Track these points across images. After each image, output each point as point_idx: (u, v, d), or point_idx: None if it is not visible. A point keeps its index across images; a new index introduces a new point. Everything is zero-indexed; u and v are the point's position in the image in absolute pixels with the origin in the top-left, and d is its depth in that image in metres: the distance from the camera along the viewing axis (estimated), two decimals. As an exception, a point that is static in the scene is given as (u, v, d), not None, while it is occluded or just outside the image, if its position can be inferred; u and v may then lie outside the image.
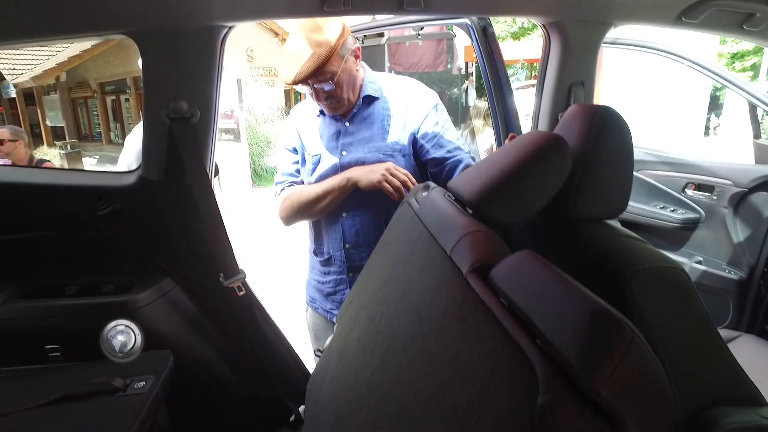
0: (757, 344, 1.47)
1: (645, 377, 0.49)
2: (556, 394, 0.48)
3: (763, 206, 1.82)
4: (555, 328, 0.53)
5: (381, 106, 1.34)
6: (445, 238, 0.82)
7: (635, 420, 0.48)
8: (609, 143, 0.90)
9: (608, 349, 0.48)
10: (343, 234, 1.35)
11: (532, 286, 0.61)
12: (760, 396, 0.91)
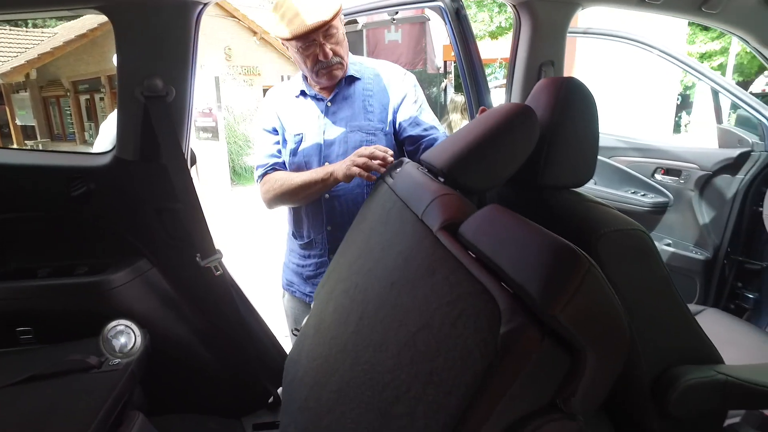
0: (721, 317, 1.53)
1: (601, 307, 0.51)
2: (518, 323, 0.50)
3: (726, 188, 1.89)
4: (517, 266, 0.55)
5: (362, 87, 1.34)
6: (416, 203, 0.84)
7: (592, 347, 0.50)
8: (575, 114, 0.94)
9: (566, 279, 0.50)
10: (324, 216, 1.35)
11: (497, 234, 0.63)
12: (717, 354, 0.96)
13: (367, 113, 1.32)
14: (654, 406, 0.95)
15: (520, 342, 0.49)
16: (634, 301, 0.89)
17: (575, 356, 0.50)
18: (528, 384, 0.49)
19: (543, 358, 0.49)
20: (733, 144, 1.89)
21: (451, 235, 0.70)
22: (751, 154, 1.82)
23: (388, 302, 0.76)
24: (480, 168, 0.89)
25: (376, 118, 1.32)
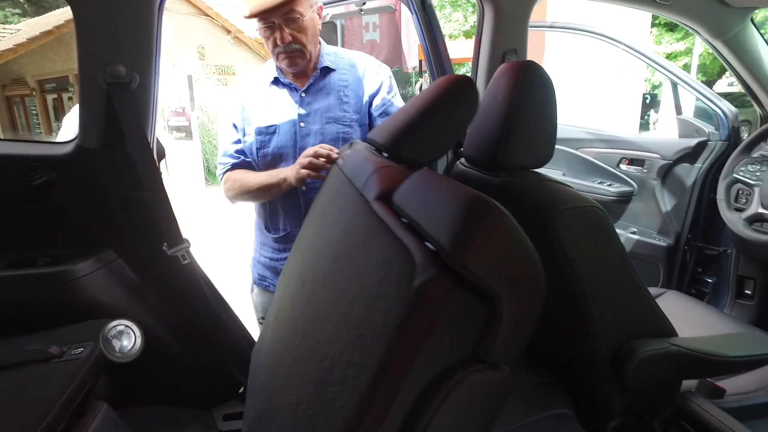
0: (681, 298, 1.59)
1: (513, 255, 0.52)
2: (429, 275, 0.50)
3: (686, 176, 1.96)
4: (434, 221, 0.56)
5: (337, 78, 1.34)
6: (359, 179, 0.85)
7: (507, 295, 0.50)
8: (534, 96, 0.97)
9: (475, 228, 0.50)
10: (303, 209, 1.34)
11: (422, 196, 0.64)
12: (672, 328, 1.00)
13: (343, 104, 1.32)
14: (613, 379, 0.98)
15: (431, 293, 0.49)
16: (591, 276, 0.92)
17: (491, 305, 0.50)
18: (446, 336, 0.49)
19: (458, 309, 0.50)
20: (692, 134, 1.97)
21: (384, 203, 0.71)
22: (708, 144, 1.90)
23: (332, 276, 0.77)
24: (420, 139, 0.89)
25: (351, 108, 1.33)
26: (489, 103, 1.03)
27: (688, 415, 0.92)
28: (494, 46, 1.33)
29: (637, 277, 0.96)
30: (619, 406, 1.02)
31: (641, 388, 0.98)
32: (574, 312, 0.95)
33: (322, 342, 0.68)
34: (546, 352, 1.15)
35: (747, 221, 1.52)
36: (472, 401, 0.52)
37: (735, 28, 1.58)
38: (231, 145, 1.40)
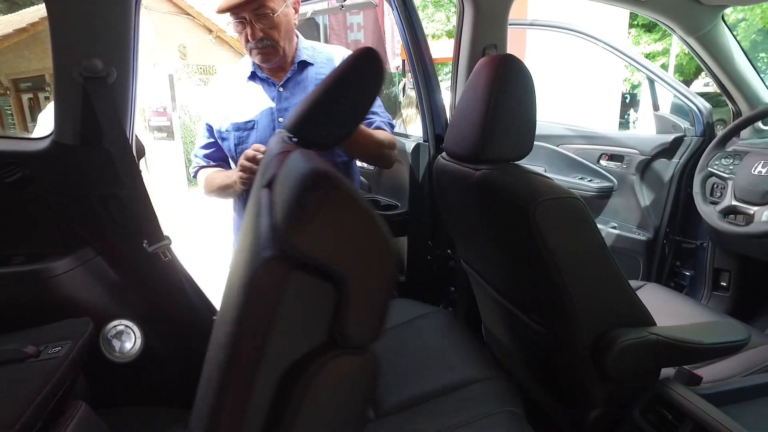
0: (660, 290, 1.62)
1: (354, 230, 0.49)
2: (264, 259, 0.48)
3: (663, 171, 2.00)
4: (279, 201, 0.54)
5: (314, 72, 1.34)
6: (264, 170, 0.85)
7: (350, 274, 0.48)
8: (513, 89, 0.98)
9: (304, 203, 0.47)
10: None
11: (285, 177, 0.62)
12: (650, 318, 1.02)
13: None
14: (594, 368, 1.00)
15: (263, 279, 0.47)
16: (571, 266, 0.93)
17: (338, 286, 0.48)
18: (295, 322, 0.48)
19: (301, 293, 0.48)
20: (668, 130, 2.01)
21: (269, 189, 0.70)
22: (684, 139, 1.94)
23: (239, 265, 0.77)
24: (323, 120, 0.87)
25: None
26: (469, 97, 1.04)
27: (666, 402, 0.94)
28: (474, 41, 1.34)
29: (616, 267, 0.98)
30: (600, 396, 1.04)
31: (621, 377, 0.99)
32: (554, 302, 0.96)
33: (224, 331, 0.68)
34: (525, 344, 1.16)
35: (721, 213, 1.56)
36: (338, 387, 0.51)
37: (707, 25, 1.62)
38: (200, 150, 1.43)
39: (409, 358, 1.21)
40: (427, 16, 11.20)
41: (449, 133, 1.14)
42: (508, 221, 0.96)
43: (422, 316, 1.37)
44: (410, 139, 1.75)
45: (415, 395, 1.07)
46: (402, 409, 1.05)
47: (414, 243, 1.77)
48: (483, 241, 1.09)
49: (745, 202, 1.48)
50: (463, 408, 1.01)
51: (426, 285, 1.82)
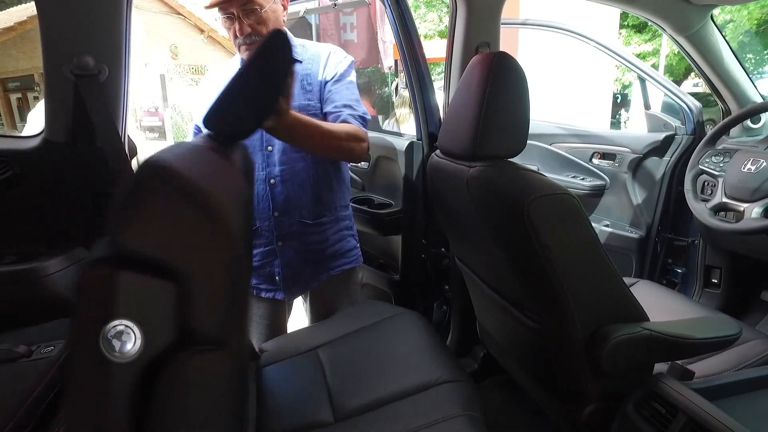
0: (653, 287, 1.64)
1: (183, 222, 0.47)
2: (99, 253, 0.47)
3: (655, 170, 2.02)
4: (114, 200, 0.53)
5: (301, 68, 1.34)
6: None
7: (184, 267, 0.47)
8: (507, 87, 0.98)
9: (130, 198, 0.46)
10: (271, 202, 1.33)
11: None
12: (644, 313, 1.03)
13: (307, 93, 1.32)
14: (588, 364, 1.01)
15: (88, 283, 0.46)
16: (565, 262, 0.94)
17: (176, 281, 0.47)
18: (138, 323, 0.46)
19: (136, 293, 0.46)
20: (660, 128, 2.03)
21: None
22: (675, 137, 1.96)
23: None
24: (234, 110, 0.85)
25: (315, 98, 1.32)
26: (463, 95, 1.05)
27: (659, 397, 0.95)
28: (467, 40, 1.35)
29: (610, 263, 0.99)
30: (594, 392, 1.05)
31: (615, 373, 1.00)
32: (548, 298, 0.97)
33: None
34: (520, 340, 1.17)
35: (712, 210, 1.58)
36: (200, 384, 0.49)
37: (696, 24, 1.64)
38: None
39: (371, 360, 1.20)
40: (419, 17, 11.23)
41: (443, 131, 1.14)
42: (502, 217, 0.97)
43: (389, 318, 1.35)
44: (403, 138, 1.75)
45: (374, 399, 1.06)
46: (361, 413, 1.04)
47: (408, 241, 1.77)
48: (477, 237, 1.10)
49: (735, 199, 1.50)
50: (423, 411, 1.00)
51: (420, 283, 1.82)
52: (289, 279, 1.40)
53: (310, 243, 1.37)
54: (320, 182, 1.34)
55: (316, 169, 1.32)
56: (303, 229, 1.36)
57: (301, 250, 1.38)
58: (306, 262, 1.39)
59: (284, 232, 1.35)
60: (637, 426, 0.95)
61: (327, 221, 1.38)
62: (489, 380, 1.72)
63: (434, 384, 1.07)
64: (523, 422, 1.53)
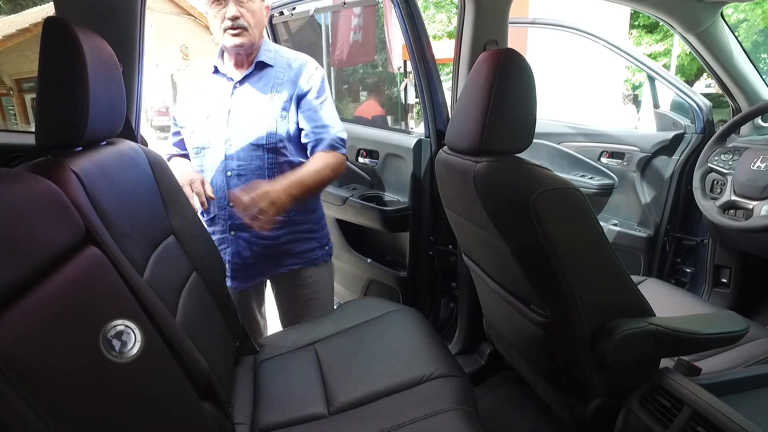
0: (661, 285, 1.63)
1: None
2: None
3: (664, 168, 2.01)
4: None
5: (272, 74, 1.39)
6: None
7: None
8: (514, 82, 0.99)
9: None
10: (227, 193, 1.39)
11: None
12: (650, 308, 1.03)
13: (273, 100, 1.37)
14: (593, 358, 1.01)
15: None
16: (571, 257, 0.94)
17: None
18: None
19: None
20: (669, 127, 2.02)
21: None
22: (684, 136, 1.95)
23: None
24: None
25: (279, 106, 1.37)
26: (470, 91, 1.05)
27: (664, 391, 0.95)
28: (476, 37, 1.36)
29: (615, 259, 0.99)
30: (600, 387, 1.05)
31: (620, 368, 1.01)
32: (554, 292, 0.97)
33: None
34: (526, 336, 1.17)
35: (721, 209, 1.57)
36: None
37: (706, 22, 1.63)
38: (172, 137, 1.52)
39: (366, 355, 1.22)
40: (428, 17, 11.23)
41: (450, 127, 1.15)
42: (509, 212, 0.97)
43: (387, 314, 1.37)
44: (411, 135, 1.76)
45: (368, 392, 1.08)
46: (354, 407, 1.05)
47: (415, 238, 1.78)
48: (483, 233, 1.10)
49: (745, 197, 1.49)
50: (415, 405, 1.01)
51: (427, 280, 1.83)
52: (238, 269, 1.45)
53: (260, 237, 1.41)
54: (272, 177, 1.39)
55: (272, 171, 1.39)
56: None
57: (251, 242, 1.43)
58: (255, 256, 1.44)
59: (237, 223, 1.40)
60: (641, 420, 0.96)
61: (280, 221, 1.40)
62: (496, 377, 1.72)
63: (428, 379, 1.08)
64: (529, 419, 1.53)
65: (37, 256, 0.57)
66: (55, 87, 0.79)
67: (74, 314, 0.58)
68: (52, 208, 0.64)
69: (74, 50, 0.77)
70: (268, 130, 1.36)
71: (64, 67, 0.78)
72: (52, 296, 0.55)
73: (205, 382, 0.87)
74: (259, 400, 1.13)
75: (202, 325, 1.05)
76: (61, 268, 0.61)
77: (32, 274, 0.55)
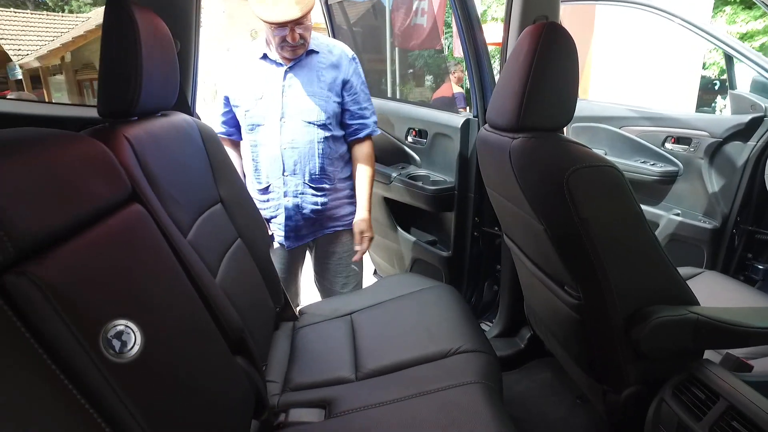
0: (719, 278, 1.53)
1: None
2: None
3: (737, 155, 1.86)
4: None
5: (317, 60, 1.53)
6: None
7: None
8: (555, 58, 0.96)
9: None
10: (283, 164, 1.53)
11: None
12: (692, 296, 0.97)
13: (320, 82, 1.53)
14: (627, 345, 0.98)
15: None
16: (606, 237, 0.91)
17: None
18: None
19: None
20: (746, 110, 1.85)
21: None
22: (764, 120, 1.78)
23: None
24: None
25: (326, 87, 1.53)
26: (511, 66, 1.03)
27: (701, 382, 0.91)
28: (525, 12, 1.31)
29: (655, 241, 0.94)
30: (634, 375, 1.02)
31: (655, 355, 0.97)
32: (587, 273, 0.95)
33: None
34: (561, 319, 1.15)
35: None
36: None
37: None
38: (220, 117, 1.64)
39: (399, 327, 1.25)
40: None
41: (491, 103, 1.14)
42: (542, 189, 0.96)
43: (423, 290, 1.40)
44: (460, 115, 1.75)
45: (395, 362, 1.12)
46: (380, 374, 1.09)
47: (460, 219, 1.78)
48: (520, 211, 1.09)
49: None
50: (439, 377, 1.03)
51: (471, 261, 1.83)
52: (290, 230, 1.62)
53: (310, 203, 1.59)
54: (323, 156, 1.56)
55: (321, 146, 1.55)
56: (305, 190, 1.57)
57: (302, 207, 1.59)
58: (306, 219, 1.61)
59: (290, 190, 1.57)
60: (674, 411, 0.92)
61: (327, 188, 1.60)
62: (534, 362, 1.70)
63: (454, 353, 1.10)
64: (563, 406, 1.50)
65: (83, 206, 0.64)
66: (113, 62, 0.87)
67: (112, 259, 0.65)
68: (100, 166, 0.72)
69: (130, 28, 0.85)
70: (318, 110, 1.51)
71: (121, 43, 0.86)
72: (94, 241, 0.63)
73: (237, 337, 0.94)
74: (294, 362, 1.20)
75: (241, 288, 1.13)
76: (106, 219, 0.68)
77: (79, 220, 0.63)
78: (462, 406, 0.93)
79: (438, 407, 0.94)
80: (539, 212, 0.99)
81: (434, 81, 11.50)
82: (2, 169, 0.53)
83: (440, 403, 0.94)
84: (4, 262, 0.50)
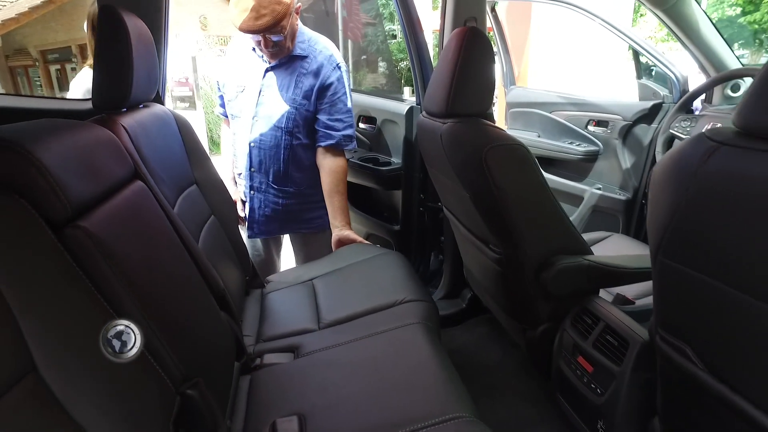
0: (623, 239, 1.82)
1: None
2: None
3: (643, 136, 2.16)
4: None
5: (300, 65, 1.58)
6: None
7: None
8: (476, 55, 1.17)
9: None
10: (250, 159, 1.64)
11: None
12: (586, 247, 1.23)
13: (296, 89, 1.57)
14: (538, 288, 1.22)
15: None
16: (519, 202, 1.14)
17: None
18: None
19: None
20: (649, 97, 2.15)
21: None
22: (663, 106, 2.09)
23: None
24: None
25: (301, 94, 1.57)
26: (442, 63, 1.24)
27: (589, 311, 1.16)
28: (456, 15, 1.52)
29: (557, 205, 1.18)
30: (546, 314, 1.27)
31: (559, 294, 1.21)
32: (505, 232, 1.18)
33: None
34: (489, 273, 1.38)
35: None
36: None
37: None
38: (218, 99, 1.75)
39: (352, 287, 1.45)
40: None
41: (427, 93, 1.34)
42: (467, 165, 1.17)
43: (375, 256, 1.59)
44: (405, 103, 1.94)
45: (351, 313, 1.31)
46: (339, 323, 1.30)
47: (407, 196, 1.99)
48: (452, 184, 1.30)
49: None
50: (386, 321, 1.24)
51: (418, 234, 2.05)
52: (252, 221, 1.72)
53: (272, 203, 1.68)
54: (288, 162, 1.62)
55: (288, 152, 1.61)
56: (268, 189, 1.67)
57: (266, 203, 1.69)
58: (266, 216, 1.71)
59: (254, 185, 1.68)
60: (571, 336, 1.17)
61: (291, 192, 1.67)
62: (474, 319, 1.95)
63: (400, 302, 1.31)
64: (498, 352, 1.77)
65: (105, 180, 0.80)
66: (108, 62, 1.01)
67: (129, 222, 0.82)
68: (112, 149, 0.87)
69: (122, 32, 0.98)
70: (288, 116, 1.58)
71: (115, 46, 0.99)
72: (117, 206, 0.80)
73: (221, 295, 1.11)
74: (264, 320, 1.38)
75: (218, 258, 1.29)
76: (121, 191, 0.84)
77: (103, 191, 0.79)
78: (405, 341, 1.14)
79: (386, 343, 1.15)
80: (466, 183, 1.21)
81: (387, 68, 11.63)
82: (53, 150, 0.68)
83: (387, 340, 1.16)
84: (64, 220, 0.66)
